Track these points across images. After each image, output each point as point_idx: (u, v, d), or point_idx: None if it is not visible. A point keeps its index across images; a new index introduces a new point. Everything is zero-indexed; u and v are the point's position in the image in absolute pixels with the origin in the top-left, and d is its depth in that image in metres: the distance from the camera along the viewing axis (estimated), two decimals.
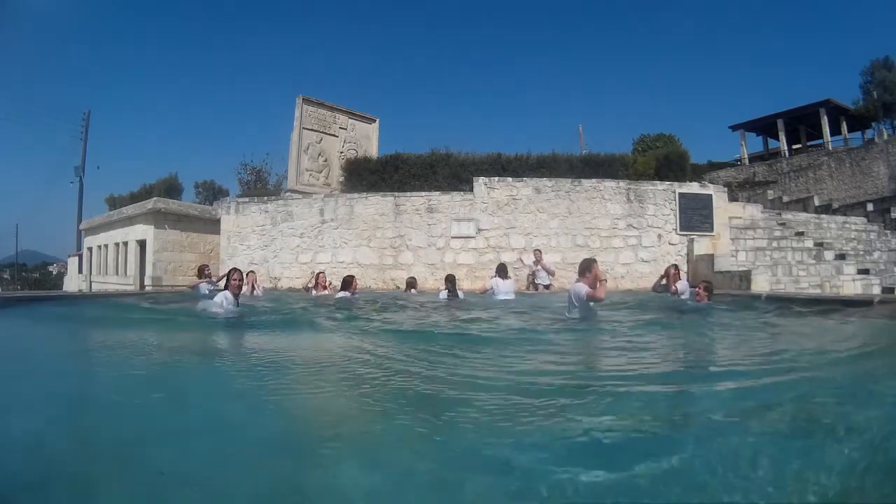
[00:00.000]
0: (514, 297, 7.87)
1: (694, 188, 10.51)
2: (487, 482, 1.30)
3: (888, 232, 12.36)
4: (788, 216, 11.74)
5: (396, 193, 10.44)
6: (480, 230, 10.07)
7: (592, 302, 4.88)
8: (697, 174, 16.44)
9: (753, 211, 11.17)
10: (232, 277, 5.05)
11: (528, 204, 10.11)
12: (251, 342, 3.89)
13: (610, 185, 10.25)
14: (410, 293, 8.35)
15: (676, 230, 10.12)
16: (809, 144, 24.06)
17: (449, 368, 2.67)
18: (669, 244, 10.12)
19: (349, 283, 7.41)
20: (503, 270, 8.16)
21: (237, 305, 5.02)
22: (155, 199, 13.18)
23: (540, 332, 4.58)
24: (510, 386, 2.16)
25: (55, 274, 37.44)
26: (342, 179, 12.22)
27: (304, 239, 10.53)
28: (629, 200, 10.16)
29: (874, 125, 22.49)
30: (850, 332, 4.24)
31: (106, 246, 15.17)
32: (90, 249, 16.58)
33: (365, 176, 11.66)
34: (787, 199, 16.83)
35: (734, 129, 25.51)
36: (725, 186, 12.49)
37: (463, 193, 10.25)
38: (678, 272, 7.10)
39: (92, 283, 15.84)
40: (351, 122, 13.22)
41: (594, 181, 10.29)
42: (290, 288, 9.91)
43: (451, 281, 7.50)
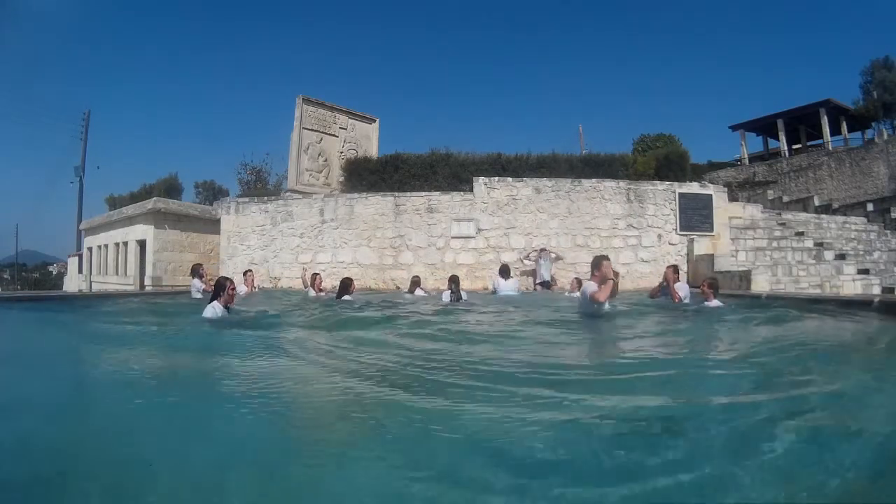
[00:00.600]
0: (515, 293, 7.99)
1: (694, 188, 10.51)
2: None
3: (888, 232, 12.36)
4: (788, 216, 11.74)
5: (396, 193, 10.45)
6: (480, 230, 10.08)
7: (595, 304, 4.70)
8: (697, 174, 16.44)
9: (753, 211, 11.17)
10: (228, 289, 4.59)
11: (528, 204, 10.12)
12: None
13: (610, 185, 10.25)
14: (415, 294, 8.12)
15: (676, 230, 10.13)
16: (809, 144, 24.06)
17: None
18: (669, 244, 10.12)
19: (348, 286, 7.13)
20: (505, 271, 8.22)
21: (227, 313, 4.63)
22: (155, 199, 13.18)
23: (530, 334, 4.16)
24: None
25: (55, 274, 37.43)
26: (342, 179, 12.23)
27: (304, 239, 10.54)
28: (629, 200, 10.17)
29: (874, 125, 22.49)
30: None
31: (106, 246, 15.18)
32: (90, 249, 16.58)
33: (365, 176, 11.67)
34: (787, 199, 16.83)
35: (734, 129, 25.51)
36: (725, 186, 12.49)
37: (463, 193, 10.25)
38: (677, 274, 6.85)
39: (92, 283, 15.85)
40: (351, 122, 13.22)
41: (594, 181, 10.30)
42: (289, 288, 9.91)
43: (454, 282, 7.32)
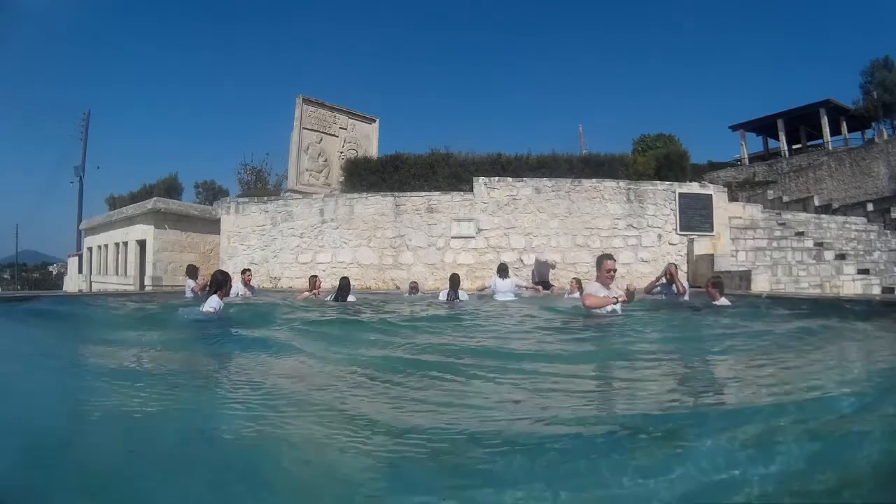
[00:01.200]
0: (512, 297, 7.79)
1: (694, 188, 10.51)
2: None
3: (888, 232, 12.35)
4: (788, 216, 11.74)
5: (396, 193, 10.45)
6: (480, 230, 10.07)
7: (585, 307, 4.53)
8: (697, 174, 16.44)
9: (753, 211, 11.17)
10: (230, 284, 4.79)
11: (528, 204, 10.11)
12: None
13: (610, 185, 10.25)
14: (414, 295, 8.17)
15: (676, 230, 10.12)
16: (809, 144, 24.04)
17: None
18: (669, 244, 10.12)
19: (347, 286, 6.95)
20: (503, 270, 8.14)
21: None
22: (155, 199, 13.18)
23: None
24: None
25: (55, 274, 37.39)
26: (342, 179, 12.23)
27: (304, 239, 10.54)
28: (629, 200, 10.16)
29: (874, 125, 22.49)
30: None
31: (106, 246, 15.17)
32: (90, 249, 16.58)
33: (365, 176, 11.67)
34: (787, 199, 16.82)
35: (734, 129, 25.50)
36: (725, 186, 12.48)
37: (463, 193, 10.25)
38: (677, 271, 6.86)
39: (92, 283, 15.85)
40: (351, 122, 13.23)
41: (594, 181, 10.29)
42: (290, 287, 9.91)
43: (453, 281, 7.27)
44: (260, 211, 10.82)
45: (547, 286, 9.07)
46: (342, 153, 12.85)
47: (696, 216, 10.14)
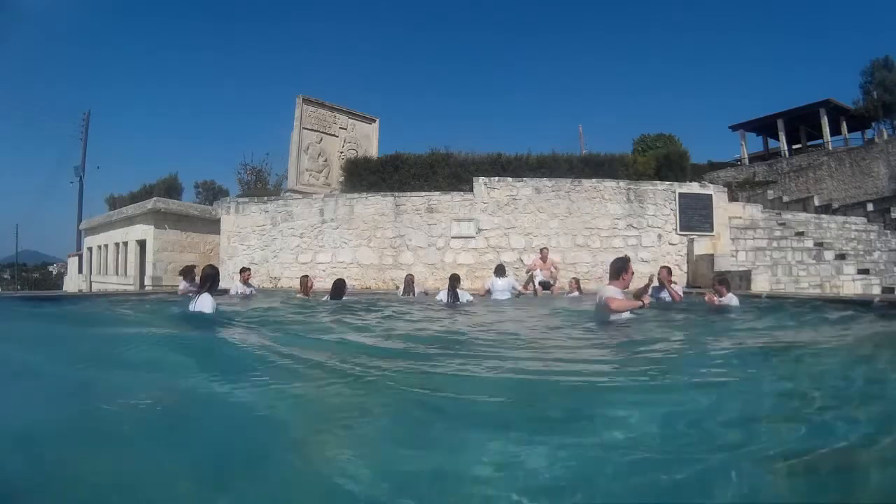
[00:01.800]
0: (508, 296, 7.83)
1: (694, 188, 10.51)
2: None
3: (888, 232, 12.35)
4: (788, 216, 11.74)
5: (396, 193, 10.44)
6: (480, 230, 10.07)
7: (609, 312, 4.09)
8: (697, 174, 16.44)
9: (753, 211, 11.17)
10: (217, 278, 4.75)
11: (528, 204, 10.11)
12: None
13: (610, 185, 10.25)
14: (410, 296, 7.93)
15: (676, 230, 10.12)
16: (809, 144, 24.04)
17: None
18: (669, 244, 10.12)
19: (342, 287, 6.72)
20: (501, 270, 8.21)
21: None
22: (155, 199, 13.18)
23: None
24: None
25: (55, 274, 37.37)
26: (342, 179, 12.23)
27: (304, 239, 10.54)
28: (629, 200, 10.16)
29: (874, 125, 22.49)
30: None
31: (106, 246, 15.18)
32: (90, 249, 16.58)
33: (365, 176, 11.67)
34: (787, 199, 16.82)
35: (734, 129, 25.51)
36: (725, 186, 12.48)
37: (463, 193, 10.25)
38: (670, 275, 6.55)
39: (92, 283, 15.85)
40: (351, 122, 13.23)
41: (594, 181, 10.29)
42: (290, 287, 9.90)
43: (453, 281, 7.16)
44: (260, 211, 10.82)
45: (547, 286, 9.09)
46: (342, 153, 12.86)
47: (696, 216, 10.14)
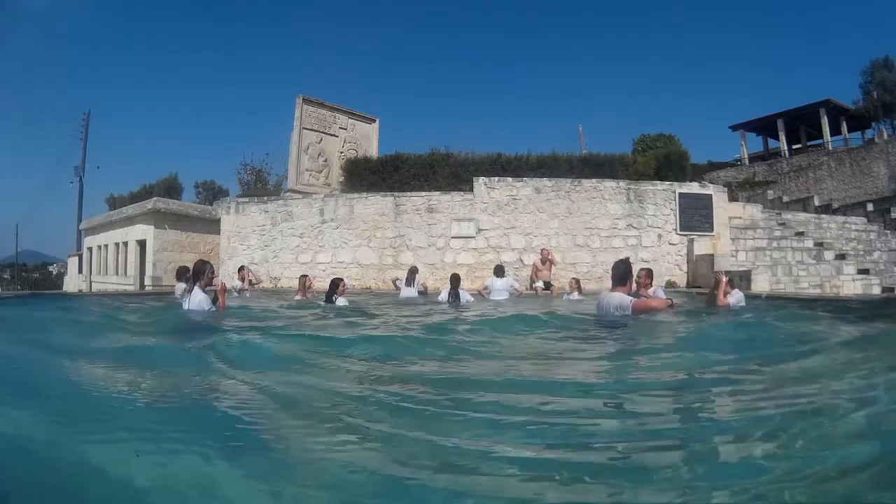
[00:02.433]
0: (507, 296, 7.85)
1: (694, 188, 10.51)
2: None
3: (888, 232, 12.35)
4: (788, 216, 11.74)
5: (396, 193, 10.45)
6: (480, 230, 10.08)
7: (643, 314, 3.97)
8: (697, 174, 16.43)
9: (753, 211, 11.17)
10: (208, 273, 4.54)
11: (528, 204, 10.11)
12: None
13: (610, 185, 10.25)
14: (411, 287, 7.81)
15: (676, 230, 10.13)
16: (809, 144, 24.05)
17: None
18: (669, 244, 10.12)
19: (337, 286, 6.44)
20: (500, 270, 8.24)
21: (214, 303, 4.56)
22: (155, 199, 13.18)
23: None
24: None
25: (55, 274, 37.37)
26: (342, 179, 12.23)
27: (304, 239, 10.54)
28: (629, 200, 10.16)
29: (874, 125, 22.49)
30: None
31: (106, 246, 15.18)
32: (90, 249, 16.58)
33: (365, 176, 11.67)
34: (787, 199, 16.82)
35: (734, 129, 25.51)
36: (725, 186, 12.49)
37: (463, 193, 10.25)
38: (650, 279, 6.21)
39: (92, 283, 15.85)
40: (351, 122, 13.23)
41: (594, 181, 10.29)
42: (290, 287, 9.91)
43: (453, 281, 7.22)
44: (260, 211, 10.83)
45: (547, 286, 9.10)
46: (342, 153, 12.86)
47: (696, 216, 10.14)
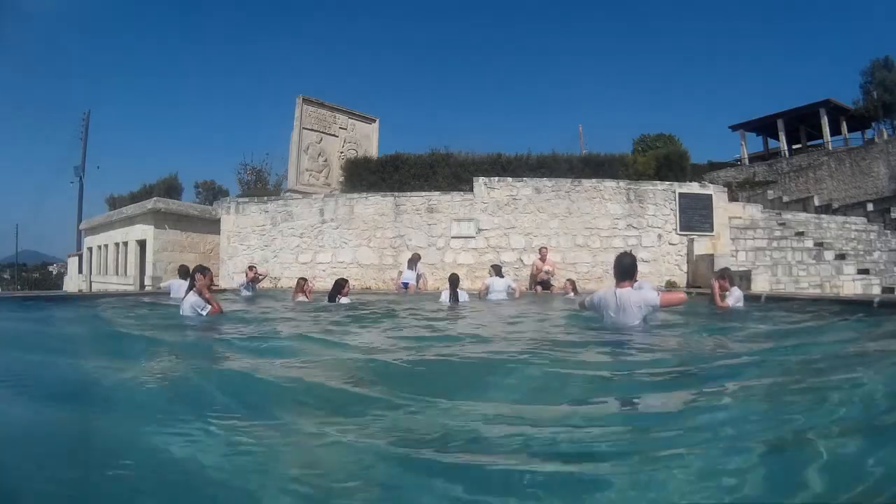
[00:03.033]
0: (505, 296, 7.81)
1: (694, 188, 10.51)
2: None
3: (888, 232, 12.35)
4: (788, 216, 11.74)
5: (396, 193, 10.45)
6: (480, 230, 10.07)
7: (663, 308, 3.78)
8: (697, 174, 16.44)
9: (753, 211, 11.18)
10: (199, 278, 4.66)
11: (528, 204, 10.11)
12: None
13: (610, 185, 10.25)
14: (413, 270, 8.15)
15: (676, 230, 10.12)
16: (809, 144, 24.06)
17: None
18: (669, 244, 10.12)
19: (342, 286, 6.58)
20: (498, 270, 8.26)
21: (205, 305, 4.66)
22: (155, 199, 13.18)
23: None
24: None
25: (55, 274, 37.37)
26: (342, 179, 12.23)
27: (304, 239, 10.54)
28: (629, 200, 10.16)
29: (874, 125, 22.51)
30: None
31: (106, 246, 15.17)
32: (90, 249, 16.58)
33: (365, 176, 11.67)
34: (787, 199, 16.82)
35: (734, 129, 25.53)
36: (725, 186, 12.49)
37: (463, 193, 10.25)
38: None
39: (92, 283, 15.85)
40: (351, 122, 13.23)
41: (594, 181, 10.29)
42: (290, 288, 9.90)
43: (453, 281, 7.24)
44: (260, 211, 10.83)
45: (547, 286, 9.11)
46: (342, 153, 12.86)
47: (696, 216, 10.14)
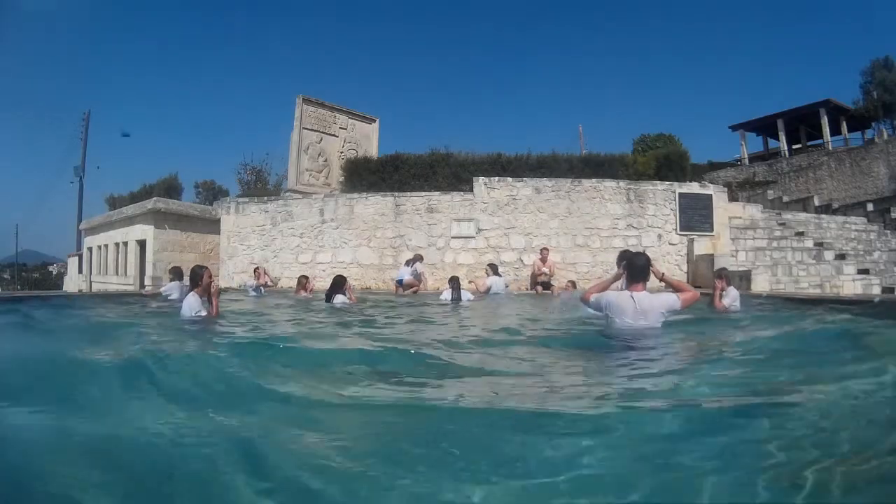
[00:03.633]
0: (503, 294, 8.03)
1: (694, 188, 10.51)
2: None
3: (888, 232, 12.35)
4: (788, 216, 11.74)
5: (396, 193, 10.44)
6: (480, 230, 10.07)
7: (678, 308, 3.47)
8: (697, 174, 16.44)
9: (753, 211, 11.17)
10: (205, 277, 4.54)
11: (528, 204, 10.11)
12: None
13: (610, 185, 10.25)
14: (418, 266, 8.28)
15: (676, 230, 10.12)
16: (809, 144, 24.07)
17: None
18: (669, 244, 10.12)
19: (340, 284, 6.65)
20: (495, 269, 8.32)
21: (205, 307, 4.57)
22: (155, 199, 13.18)
23: None
24: None
25: (55, 274, 37.38)
26: (342, 179, 12.22)
27: (304, 239, 10.53)
28: (629, 200, 10.16)
29: (874, 125, 22.51)
30: None
31: (106, 246, 15.17)
32: (90, 249, 16.58)
33: (365, 176, 11.66)
34: (787, 199, 16.83)
35: (734, 129, 25.53)
36: (725, 186, 12.49)
37: (463, 193, 10.25)
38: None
39: (92, 283, 15.85)
40: (351, 122, 13.22)
41: (594, 181, 10.29)
42: (290, 287, 9.91)
43: (454, 282, 7.42)
44: (260, 211, 10.82)
45: (547, 286, 9.10)
46: (342, 153, 12.85)
47: (696, 216, 10.14)
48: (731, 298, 5.28)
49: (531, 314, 5.88)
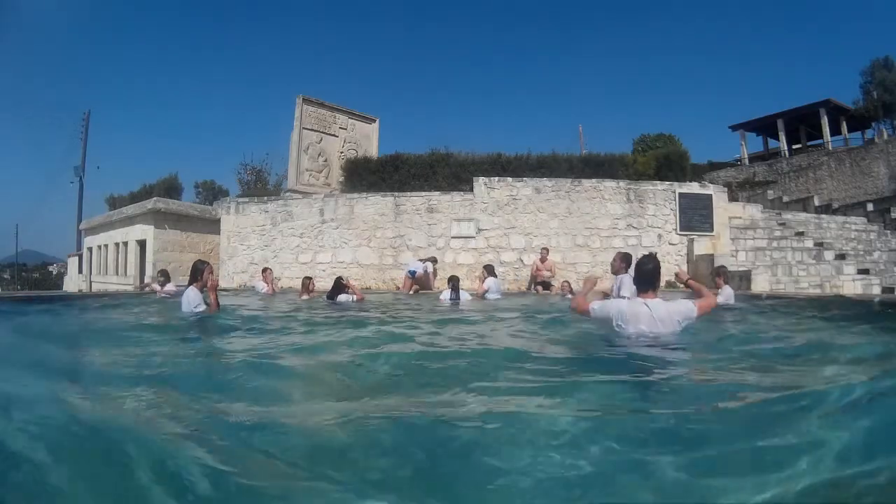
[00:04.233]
0: (500, 296, 8.00)
1: (694, 188, 10.51)
2: None
3: (888, 232, 12.35)
4: (788, 216, 11.74)
5: (396, 193, 10.44)
6: (480, 230, 10.07)
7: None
8: (697, 174, 16.44)
9: (753, 211, 11.17)
10: (206, 272, 4.53)
11: (528, 204, 10.11)
12: None
13: (610, 185, 10.25)
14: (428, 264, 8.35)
15: (676, 230, 10.12)
16: (809, 144, 24.05)
17: None
18: (669, 244, 10.12)
19: (341, 286, 6.94)
20: (491, 270, 8.34)
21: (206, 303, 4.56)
22: (155, 199, 13.19)
23: None
24: None
25: (55, 274, 37.38)
26: (342, 179, 12.23)
27: (304, 239, 10.53)
28: (629, 200, 10.16)
29: (874, 125, 22.50)
30: None
31: (106, 246, 15.18)
32: (90, 249, 16.58)
33: (365, 176, 11.67)
34: (787, 199, 16.82)
35: (734, 129, 25.52)
36: (725, 186, 12.49)
37: (463, 193, 10.25)
38: (625, 263, 5.80)
39: (92, 283, 15.85)
40: (351, 122, 13.22)
41: (594, 181, 10.29)
42: (290, 288, 9.91)
43: (454, 282, 7.46)
44: (260, 211, 10.82)
45: (547, 286, 9.11)
46: (342, 153, 12.85)
47: (696, 216, 10.14)
48: (724, 296, 5.25)
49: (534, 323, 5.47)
